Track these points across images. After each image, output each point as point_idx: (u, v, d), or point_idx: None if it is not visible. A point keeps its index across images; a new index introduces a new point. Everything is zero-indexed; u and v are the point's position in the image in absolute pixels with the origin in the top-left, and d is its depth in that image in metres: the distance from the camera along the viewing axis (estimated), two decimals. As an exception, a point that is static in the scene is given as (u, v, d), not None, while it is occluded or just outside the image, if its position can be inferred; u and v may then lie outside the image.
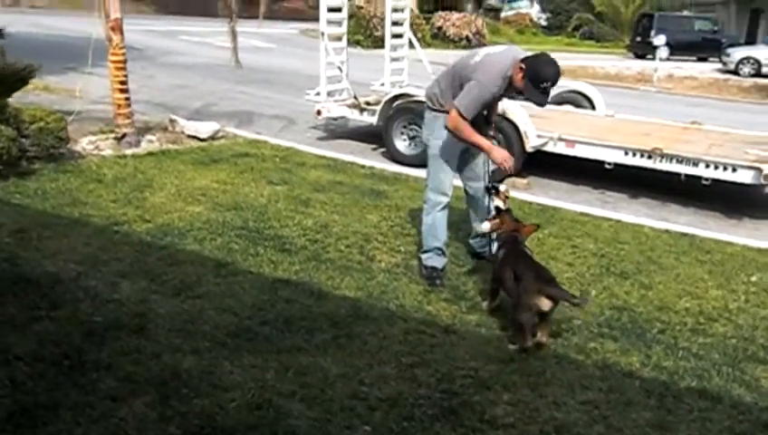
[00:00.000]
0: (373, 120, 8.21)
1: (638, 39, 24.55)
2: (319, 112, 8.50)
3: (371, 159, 7.66)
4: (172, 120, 8.22)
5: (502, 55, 3.89)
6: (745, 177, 6.23)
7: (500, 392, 3.01)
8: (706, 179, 6.40)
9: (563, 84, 9.23)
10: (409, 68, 9.57)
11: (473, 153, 4.30)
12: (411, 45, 9.84)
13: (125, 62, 6.86)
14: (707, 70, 22.20)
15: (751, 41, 26.80)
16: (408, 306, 3.83)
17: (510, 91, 3.93)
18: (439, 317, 3.73)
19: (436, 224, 4.28)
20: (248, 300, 3.77)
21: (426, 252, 4.29)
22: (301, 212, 5.35)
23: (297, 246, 4.61)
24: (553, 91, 8.42)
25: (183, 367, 3.03)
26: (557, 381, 3.14)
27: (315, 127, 9.48)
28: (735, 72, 21.17)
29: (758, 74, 20.52)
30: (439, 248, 4.26)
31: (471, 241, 4.62)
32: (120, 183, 5.73)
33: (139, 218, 4.94)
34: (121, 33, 6.76)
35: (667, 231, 5.63)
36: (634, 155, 6.67)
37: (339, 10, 8.70)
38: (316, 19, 9.01)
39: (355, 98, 8.47)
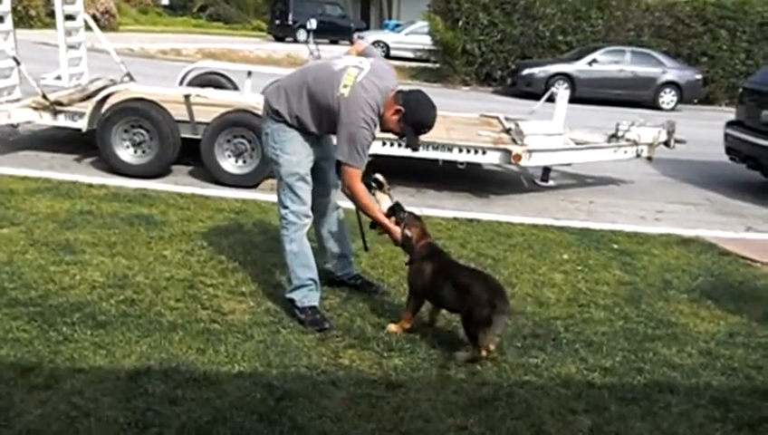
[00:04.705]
0: (77, 124, 6.60)
1: (277, 22, 25.00)
2: (-5, 119, 6.49)
3: (91, 175, 6.15)
4: None
5: (372, 87, 3.32)
6: (494, 158, 6.70)
7: (512, 447, 2.59)
8: (461, 163, 6.70)
9: (206, 66, 8.69)
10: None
11: (322, 166, 3.70)
12: (88, 27, 8.25)
13: None
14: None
15: (366, 26, 29.62)
16: (323, 366, 3.07)
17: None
18: (366, 371, 3.07)
19: (303, 250, 3.57)
20: (116, 415, 2.57)
21: (297, 289, 3.53)
22: (72, 263, 3.94)
23: (114, 315, 3.35)
24: (194, 73, 7.91)
25: None
26: (545, 413, 2.82)
27: (-30, 140, 7.32)
28: (368, 55, 23.05)
29: (387, 56, 22.74)
30: (312, 280, 3.57)
31: (328, 266, 3.96)
32: None
33: None
34: None
35: (455, 219, 5.69)
36: (392, 145, 6.59)
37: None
38: None
39: (44, 97, 6.68)
